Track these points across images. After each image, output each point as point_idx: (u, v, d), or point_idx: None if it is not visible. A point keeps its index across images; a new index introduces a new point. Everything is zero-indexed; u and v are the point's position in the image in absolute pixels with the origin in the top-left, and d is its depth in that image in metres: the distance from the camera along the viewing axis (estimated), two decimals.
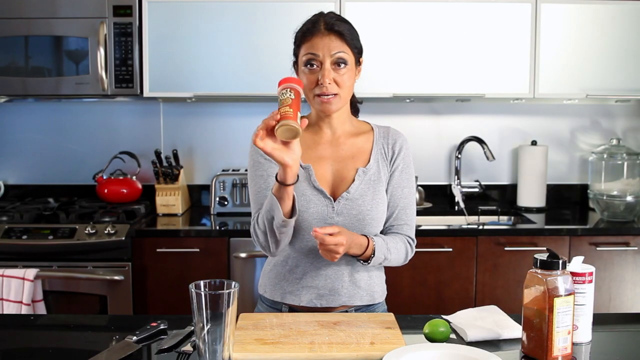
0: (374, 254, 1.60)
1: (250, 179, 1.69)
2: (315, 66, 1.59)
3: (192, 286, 1.20)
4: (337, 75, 1.59)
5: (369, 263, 1.62)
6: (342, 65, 1.59)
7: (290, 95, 1.43)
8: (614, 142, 3.09)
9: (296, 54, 1.66)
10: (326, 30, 1.59)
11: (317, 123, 1.69)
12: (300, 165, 1.64)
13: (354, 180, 1.65)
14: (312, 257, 1.65)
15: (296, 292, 1.67)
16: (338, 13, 1.70)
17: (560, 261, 1.28)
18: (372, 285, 1.71)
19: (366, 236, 1.61)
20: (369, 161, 1.68)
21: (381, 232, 1.71)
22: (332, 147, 1.68)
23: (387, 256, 1.63)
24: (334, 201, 1.63)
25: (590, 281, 1.39)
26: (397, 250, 1.67)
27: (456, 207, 3.19)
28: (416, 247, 1.75)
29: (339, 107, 1.63)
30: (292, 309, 1.68)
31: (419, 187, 3.22)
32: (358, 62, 1.66)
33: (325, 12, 1.66)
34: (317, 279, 1.66)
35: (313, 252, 1.64)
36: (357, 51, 1.64)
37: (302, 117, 1.65)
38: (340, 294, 1.66)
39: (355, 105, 1.79)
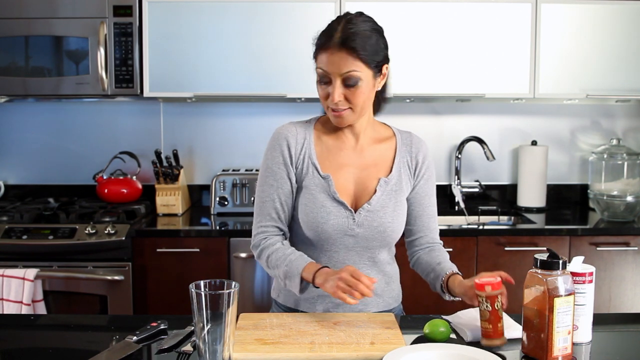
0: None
1: (260, 184, 1.66)
2: (326, 81, 1.54)
3: (192, 286, 1.20)
4: (348, 93, 1.53)
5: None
6: (353, 83, 1.52)
7: (486, 307, 1.37)
8: (614, 142, 3.09)
9: (314, 58, 1.59)
10: (339, 45, 1.49)
11: (340, 127, 1.65)
12: (320, 175, 1.62)
13: (375, 190, 1.63)
14: (329, 266, 1.62)
15: (311, 300, 1.65)
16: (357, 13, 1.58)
17: (561, 261, 1.28)
18: (389, 291, 1.71)
19: (457, 274, 1.60)
20: (390, 170, 1.65)
21: (415, 242, 1.72)
22: (355, 154, 1.65)
23: None
24: (355, 212, 1.61)
25: (591, 281, 1.39)
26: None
27: (456, 207, 3.19)
28: None
29: (352, 121, 1.59)
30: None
31: None
32: (379, 72, 1.57)
33: (355, 13, 1.56)
34: None
35: (331, 261, 1.64)
36: (376, 64, 1.54)
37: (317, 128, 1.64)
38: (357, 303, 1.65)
39: (379, 104, 1.70)
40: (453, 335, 1.46)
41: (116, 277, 2.61)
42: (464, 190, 3.25)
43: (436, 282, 1.63)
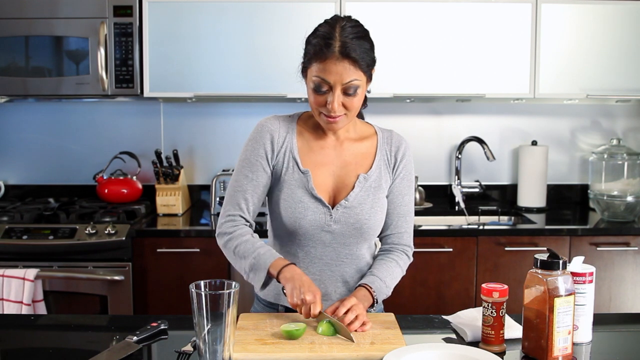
0: (377, 301, 1.59)
1: (235, 173, 1.66)
2: (324, 90, 1.53)
3: (192, 286, 1.20)
4: (347, 100, 1.53)
5: (374, 307, 1.61)
6: (353, 92, 1.53)
7: (491, 313, 1.36)
8: (614, 142, 3.09)
9: (306, 65, 1.57)
10: (340, 55, 1.49)
11: (321, 126, 1.66)
12: (300, 170, 1.63)
13: (354, 187, 1.63)
14: (307, 262, 1.65)
15: None
16: (352, 18, 1.58)
17: (561, 261, 1.28)
18: None
19: (364, 286, 1.58)
20: (370, 167, 1.66)
21: (383, 239, 1.71)
22: (335, 152, 1.66)
23: (387, 292, 1.64)
24: (332, 209, 1.62)
25: (591, 281, 1.40)
26: (394, 278, 1.66)
27: (456, 207, 3.19)
28: (417, 247, 1.76)
29: (345, 125, 1.60)
30: (289, 309, 1.68)
31: (419, 187, 3.22)
32: (370, 77, 1.59)
33: (342, 17, 1.55)
34: None
35: (308, 256, 1.65)
36: (370, 69, 1.56)
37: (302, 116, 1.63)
38: (333, 299, 1.65)
39: (364, 102, 1.72)
40: (453, 335, 1.46)
41: (116, 277, 2.61)
42: (464, 190, 3.25)
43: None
